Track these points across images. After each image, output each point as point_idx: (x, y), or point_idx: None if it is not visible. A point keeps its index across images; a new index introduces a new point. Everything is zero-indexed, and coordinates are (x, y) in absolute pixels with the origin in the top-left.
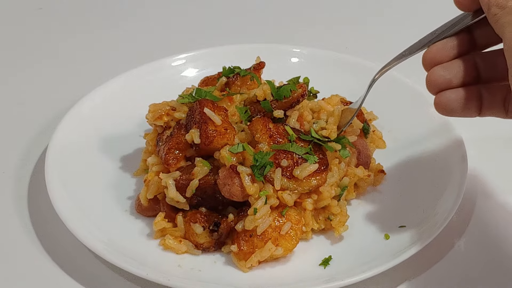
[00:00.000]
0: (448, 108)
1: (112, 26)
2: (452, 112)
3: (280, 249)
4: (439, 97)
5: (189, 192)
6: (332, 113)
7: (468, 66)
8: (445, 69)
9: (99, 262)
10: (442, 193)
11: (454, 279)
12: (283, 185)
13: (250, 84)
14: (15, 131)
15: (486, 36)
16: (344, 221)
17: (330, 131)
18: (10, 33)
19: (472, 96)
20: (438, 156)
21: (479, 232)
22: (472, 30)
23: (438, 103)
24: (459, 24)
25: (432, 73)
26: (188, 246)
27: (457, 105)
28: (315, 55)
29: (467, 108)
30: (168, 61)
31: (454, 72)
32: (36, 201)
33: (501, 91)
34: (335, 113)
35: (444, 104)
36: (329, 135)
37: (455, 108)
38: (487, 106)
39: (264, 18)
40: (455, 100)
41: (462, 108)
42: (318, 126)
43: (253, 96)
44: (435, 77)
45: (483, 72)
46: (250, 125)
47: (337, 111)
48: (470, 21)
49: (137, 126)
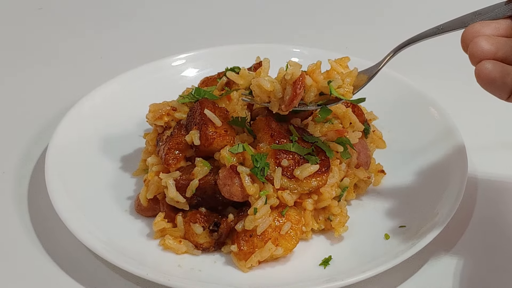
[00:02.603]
0: (489, 77)
1: (112, 26)
2: (492, 83)
3: (280, 249)
4: (482, 65)
5: (189, 192)
6: (349, 74)
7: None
8: (491, 40)
9: (99, 262)
10: (442, 193)
11: (454, 279)
12: (283, 185)
13: None
14: (15, 131)
15: None
16: (344, 221)
17: (346, 90)
18: (10, 33)
19: (509, 74)
20: (438, 156)
21: (479, 232)
22: None
23: (480, 71)
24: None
25: (478, 41)
26: (188, 246)
27: (499, 76)
28: (315, 55)
29: (503, 83)
30: (168, 61)
31: (500, 46)
32: (36, 201)
33: None
34: (352, 74)
35: (486, 73)
36: (344, 95)
37: (496, 78)
38: None
39: (264, 18)
40: (498, 70)
41: (502, 80)
42: (336, 84)
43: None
44: (480, 46)
45: None
46: (253, 124)
47: (354, 71)
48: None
49: (137, 126)
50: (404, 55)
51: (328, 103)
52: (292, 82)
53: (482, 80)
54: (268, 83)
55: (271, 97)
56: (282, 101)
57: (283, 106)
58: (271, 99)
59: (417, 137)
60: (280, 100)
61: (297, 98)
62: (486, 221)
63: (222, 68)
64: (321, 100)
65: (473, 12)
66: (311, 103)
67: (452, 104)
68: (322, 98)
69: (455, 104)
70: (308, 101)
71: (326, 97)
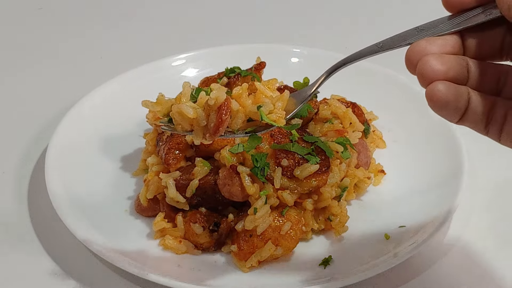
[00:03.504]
0: (443, 100)
1: (112, 26)
2: (445, 106)
3: (280, 249)
4: (434, 87)
5: (189, 192)
6: (280, 98)
7: (462, 65)
8: (441, 58)
9: (99, 262)
10: (442, 193)
11: (454, 279)
12: (283, 185)
13: (251, 84)
14: (15, 131)
15: (479, 46)
16: (344, 221)
17: (279, 116)
18: (10, 33)
19: (462, 95)
20: (438, 156)
21: (479, 232)
22: (464, 35)
23: (433, 93)
24: (448, 24)
25: (426, 61)
26: (188, 246)
27: (453, 99)
28: (315, 55)
29: (457, 106)
30: (168, 61)
31: (450, 64)
32: (36, 201)
33: (487, 102)
34: (283, 97)
35: (440, 96)
36: (276, 121)
37: (450, 101)
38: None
39: (264, 18)
40: (451, 92)
41: (455, 104)
42: (267, 109)
43: None
44: (430, 66)
45: (473, 78)
46: None
47: (286, 95)
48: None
49: (137, 126)
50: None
51: (257, 130)
52: (217, 108)
53: (435, 103)
54: (190, 110)
55: (194, 125)
56: (207, 129)
57: (208, 135)
58: (194, 127)
59: (417, 137)
60: (204, 129)
61: (223, 125)
62: (486, 221)
63: (222, 68)
64: (250, 127)
65: (415, 28)
66: (238, 131)
67: None
68: (251, 125)
69: None
70: (235, 128)
71: (255, 123)
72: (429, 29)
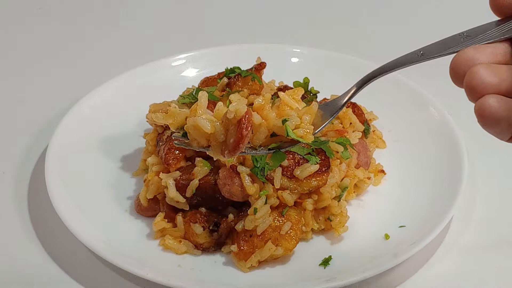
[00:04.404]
0: (495, 117)
1: (112, 26)
2: (497, 123)
3: (280, 249)
4: (485, 102)
5: (189, 192)
6: (308, 110)
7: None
8: (492, 70)
9: (99, 262)
10: (442, 193)
11: (454, 279)
12: (283, 185)
13: (251, 84)
14: (15, 131)
15: None
16: (344, 221)
17: (307, 132)
18: (10, 33)
19: None
20: (438, 156)
21: (479, 232)
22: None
23: (484, 109)
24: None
25: (476, 72)
26: (188, 246)
27: (505, 115)
28: (315, 55)
29: (510, 123)
30: (168, 61)
31: (502, 76)
32: (36, 201)
33: None
34: (312, 110)
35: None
36: (304, 137)
37: (503, 117)
38: None
39: (264, 18)
40: (504, 108)
41: (508, 120)
42: (293, 124)
43: None
44: (480, 78)
45: None
46: None
47: (314, 107)
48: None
49: (137, 126)
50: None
51: (281, 146)
52: (237, 122)
53: (485, 120)
54: (208, 124)
55: (211, 141)
56: (225, 146)
57: (227, 151)
58: (211, 143)
59: (417, 137)
60: (222, 144)
61: (244, 142)
62: (486, 221)
63: (222, 68)
64: (273, 142)
65: (459, 34)
66: (260, 147)
67: (452, 104)
68: (274, 140)
69: (455, 104)
70: (257, 144)
71: (279, 138)
72: (476, 36)
